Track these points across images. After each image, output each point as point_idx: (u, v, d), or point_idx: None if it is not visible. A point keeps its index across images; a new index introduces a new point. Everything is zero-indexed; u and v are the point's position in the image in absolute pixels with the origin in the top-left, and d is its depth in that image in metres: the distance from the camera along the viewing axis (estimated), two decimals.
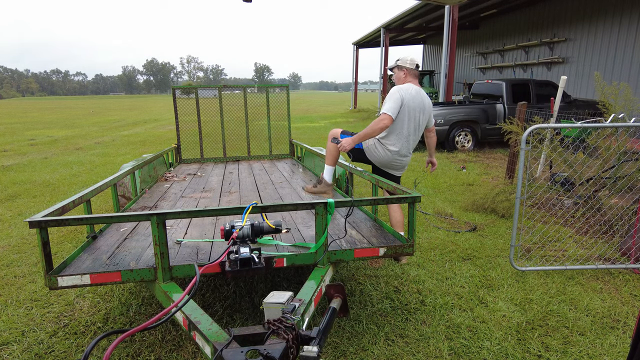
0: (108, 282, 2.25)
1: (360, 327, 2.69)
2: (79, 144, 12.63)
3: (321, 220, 2.39)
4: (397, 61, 3.70)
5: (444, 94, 13.00)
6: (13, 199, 6.15)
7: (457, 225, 4.73)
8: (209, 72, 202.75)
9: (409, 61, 3.64)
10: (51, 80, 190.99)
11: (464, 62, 20.76)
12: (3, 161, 9.53)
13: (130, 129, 17.58)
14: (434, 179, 7.01)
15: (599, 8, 11.99)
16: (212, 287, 3.23)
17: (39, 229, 2.14)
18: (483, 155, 9.32)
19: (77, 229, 4.59)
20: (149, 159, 4.69)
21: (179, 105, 6.18)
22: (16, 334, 2.67)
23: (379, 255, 2.57)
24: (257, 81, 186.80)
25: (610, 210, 4.21)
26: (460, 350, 2.46)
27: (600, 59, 12.04)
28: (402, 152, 3.63)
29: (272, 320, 1.61)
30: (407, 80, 3.63)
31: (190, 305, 1.97)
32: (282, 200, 3.88)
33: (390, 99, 3.44)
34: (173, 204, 3.84)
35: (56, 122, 22.00)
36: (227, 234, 2.05)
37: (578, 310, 2.89)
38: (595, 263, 3.51)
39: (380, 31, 20.27)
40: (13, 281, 3.43)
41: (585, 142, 4.74)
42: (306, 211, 3.42)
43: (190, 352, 2.44)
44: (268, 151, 6.57)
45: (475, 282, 3.33)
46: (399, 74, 3.67)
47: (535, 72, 15.04)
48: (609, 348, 2.47)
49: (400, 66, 3.65)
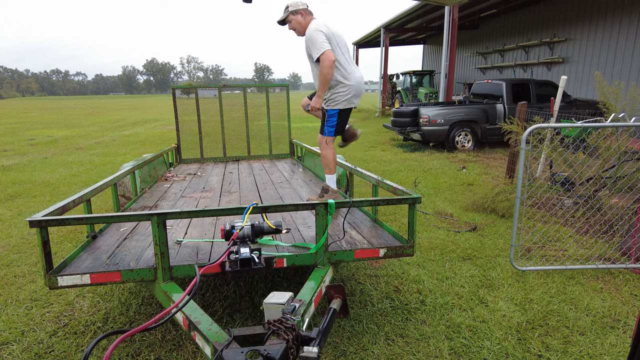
0: (108, 281, 2.25)
1: (360, 327, 2.69)
2: (79, 144, 12.63)
3: (321, 221, 2.39)
4: (287, 9, 3.48)
5: (444, 94, 13.00)
6: (13, 199, 6.14)
7: (457, 225, 4.73)
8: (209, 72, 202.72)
9: (299, 3, 3.49)
10: (51, 81, 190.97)
11: (464, 62, 20.76)
12: (3, 161, 9.52)
13: (130, 129, 17.59)
14: (434, 179, 7.01)
15: (599, 8, 11.98)
16: (212, 286, 3.23)
17: (39, 228, 2.14)
18: (483, 155, 9.31)
19: (77, 229, 4.59)
20: (149, 158, 4.69)
21: (179, 105, 6.18)
22: (16, 333, 2.67)
23: (379, 256, 2.57)
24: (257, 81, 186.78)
25: (610, 210, 4.21)
26: (460, 350, 2.46)
27: (600, 59, 12.04)
28: (357, 74, 3.56)
29: (272, 321, 1.60)
30: (309, 20, 3.51)
31: (190, 306, 1.97)
32: (282, 200, 3.88)
33: (315, 40, 3.32)
34: (173, 203, 3.84)
35: (56, 122, 22.00)
36: (227, 234, 2.05)
37: (578, 310, 2.89)
38: (596, 263, 3.51)
39: (380, 31, 20.25)
40: (13, 281, 3.43)
41: (586, 142, 4.73)
42: (306, 211, 3.42)
43: (190, 352, 2.44)
44: (268, 151, 6.57)
45: (475, 281, 3.32)
46: (297, 19, 3.48)
47: (535, 72, 15.03)
48: (609, 348, 2.47)
49: (294, 11, 3.48)
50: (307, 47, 3.43)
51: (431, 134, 9.83)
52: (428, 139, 9.95)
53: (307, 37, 3.40)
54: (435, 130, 9.78)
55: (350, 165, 3.77)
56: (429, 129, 9.78)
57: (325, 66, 3.30)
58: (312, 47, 3.35)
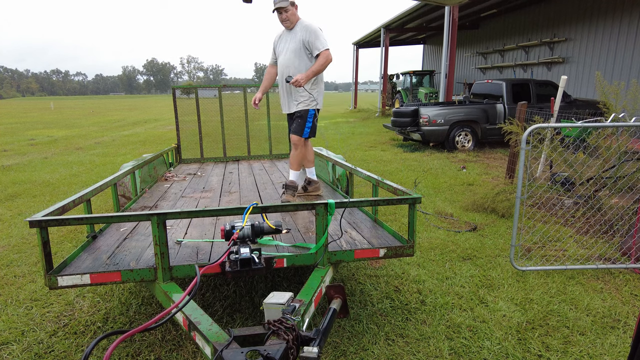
0: (108, 282, 2.25)
1: (360, 327, 2.69)
2: (79, 144, 12.63)
3: (321, 221, 2.39)
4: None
5: (444, 94, 13.00)
6: (13, 199, 6.14)
7: (458, 225, 4.72)
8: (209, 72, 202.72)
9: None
10: (51, 81, 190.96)
11: (464, 62, 20.76)
12: (3, 161, 9.52)
13: (131, 129, 17.59)
14: (434, 179, 7.01)
15: (599, 8, 11.98)
16: (212, 286, 3.23)
17: (39, 228, 2.14)
18: (483, 155, 9.31)
19: (77, 229, 4.59)
20: (149, 158, 4.69)
21: (179, 105, 6.17)
22: (16, 333, 2.67)
23: (379, 256, 2.57)
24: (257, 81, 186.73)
25: (610, 210, 4.21)
26: (460, 350, 2.45)
27: (600, 59, 12.04)
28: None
29: (273, 321, 1.60)
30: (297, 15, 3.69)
31: (190, 306, 1.97)
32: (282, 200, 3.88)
33: (320, 34, 3.55)
34: (173, 203, 3.84)
35: (56, 122, 22.00)
36: (227, 235, 2.05)
37: (578, 310, 2.88)
38: (596, 263, 3.51)
39: (381, 31, 20.26)
40: (13, 281, 3.43)
41: (586, 142, 4.73)
42: (306, 211, 3.42)
43: (190, 352, 2.44)
44: (268, 151, 6.57)
45: (475, 281, 3.32)
46: (293, 11, 3.64)
47: (536, 72, 15.03)
48: (609, 348, 2.47)
49: (292, 2, 3.62)
50: (307, 38, 3.55)
51: (431, 134, 9.83)
52: (428, 139, 9.95)
53: (311, 29, 3.55)
54: (435, 130, 9.78)
55: (350, 165, 3.77)
56: (429, 129, 9.78)
57: (327, 62, 3.53)
58: (316, 39, 3.51)
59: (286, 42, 3.71)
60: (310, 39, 3.54)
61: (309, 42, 3.55)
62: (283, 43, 3.76)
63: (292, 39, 3.66)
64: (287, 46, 3.69)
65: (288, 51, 3.67)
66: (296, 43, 3.62)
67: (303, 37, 3.58)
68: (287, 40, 3.71)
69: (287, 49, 3.69)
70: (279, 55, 3.79)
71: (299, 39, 3.61)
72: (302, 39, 3.58)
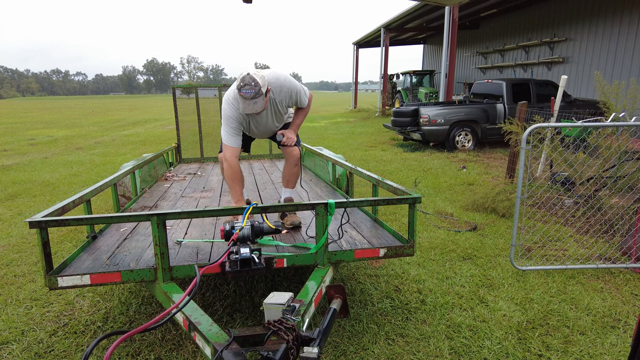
0: (108, 282, 2.25)
1: (360, 327, 2.69)
2: (79, 144, 12.63)
3: (321, 221, 2.38)
4: (261, 92, 2.70)
5: (444, 93, 13.00)
6: (13, 199, 6.14)
7: (458, 225, 4.72)
8: (209, 72, 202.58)
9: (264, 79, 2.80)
10: (51, 81, 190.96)
11: (464, 62, 20.75)
12: (3, 161, 9.52)
13: (131, 129, 17.58)
14: (434, 179, 7.00)
15: (599, 8, 11.98)
16: (212, 286, 3.23)
17: (39, 229, 2.14)
18: (483, 155, 9.31)
19: (77, 229, 4.59)
20: (149, 158, 4.69)
21: (179, 105, 6.17)
22: (16, 333, 2.67)
23: (379, 256, 2.57)
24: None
25: (610, 209, 4.21)
26: (460, 350, 2.45)
27: (600, 59, 12.04)
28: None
29: (273, 321, 1.60)
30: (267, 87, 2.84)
31: (190, 306, 1.97)
32: (282, 200, 3.87)
33: (298, 86, 3.08)
34: (173, 203, 3.84)
35: (56, 122, 21.99)
36: (227, 235, 2.05)
37: (579, 310, 2.88)
38: (596, 262, 3.51)
39: (381, 31, 20.25)
40: (13, 280, 3.43)
41: (586, 142, 4.73)
42: (306, 211, 3.41)
43: (190, 352, 2.44)
44: (268, 151, 6.57)
45: (475, 281, 3.32)
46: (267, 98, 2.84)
47: (536, 71, 15.03)
48: (609, 347, 2.47)
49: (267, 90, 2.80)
50: (288, 101, 3.09)
51: (431, 133, 9.82)
52: (428, 138, 9.95)
53: (287, 89, 3.02)
54: (436, 130, 9.77)
55: (350, 165, 3.77)
56: (429, 128, 9.78)
57: (310, 104, 3.25)
58: (301, 96, 3.10)
59: (261, 117, 3.11)
60: (294, 99, 3.10)
61: (295, 102, 3.14)
62: (257, 118, 3.12)
63: (268, 108, 3.08)
64: (265, 116, 3.13)
65: (268, 120, 3.16)
66: (274, 108, 3.10)
67: (281, 100, 3.06)
68: (261, 115, 3.11)
69: (266, 118, 3.15)
70: (254, 129, 3.25)
71: (276, 103, 3.07)
72: (281, 101, 3.06)
